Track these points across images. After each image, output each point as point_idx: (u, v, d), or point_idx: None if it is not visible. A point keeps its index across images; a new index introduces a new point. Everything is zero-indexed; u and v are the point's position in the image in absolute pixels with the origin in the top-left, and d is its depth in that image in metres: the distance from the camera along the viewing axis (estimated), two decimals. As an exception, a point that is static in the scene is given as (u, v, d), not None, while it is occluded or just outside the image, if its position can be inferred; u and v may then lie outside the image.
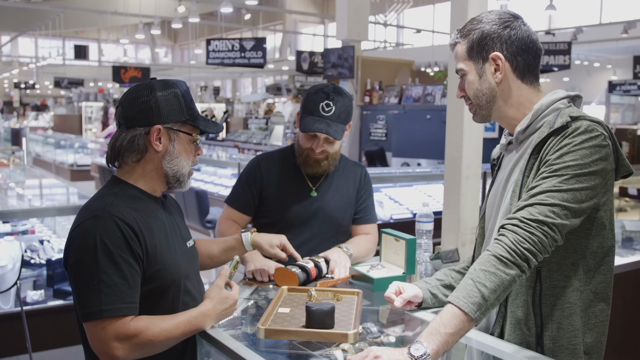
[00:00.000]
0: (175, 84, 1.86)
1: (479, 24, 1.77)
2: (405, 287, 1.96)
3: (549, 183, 1.59)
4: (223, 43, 10.17)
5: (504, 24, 1.75)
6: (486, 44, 1.75)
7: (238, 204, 2.68)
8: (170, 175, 1.86)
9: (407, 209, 5.62)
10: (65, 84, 22.36)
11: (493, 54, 1.75)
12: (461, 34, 1.81)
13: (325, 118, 2.50)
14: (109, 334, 1.65)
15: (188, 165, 1.89)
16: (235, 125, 18.27)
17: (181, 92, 1.85)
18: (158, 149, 1.82)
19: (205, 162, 8.41)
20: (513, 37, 1.74)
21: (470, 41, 1.78)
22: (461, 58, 1.81)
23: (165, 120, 1.81)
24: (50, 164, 15.14)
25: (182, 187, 1.90)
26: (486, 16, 1.78)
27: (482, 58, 1.77)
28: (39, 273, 3.71)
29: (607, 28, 16.47)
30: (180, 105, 1.83)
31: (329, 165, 2.63)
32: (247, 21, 26.28)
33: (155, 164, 1.85)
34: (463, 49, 1.80)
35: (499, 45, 1.74)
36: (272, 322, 1.85)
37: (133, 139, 1.80)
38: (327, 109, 2.51)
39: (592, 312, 1.71)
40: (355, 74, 8.78)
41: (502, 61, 1.75)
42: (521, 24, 1.77)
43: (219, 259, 2.24)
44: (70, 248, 1.73)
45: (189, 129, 1.86)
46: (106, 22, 21.34)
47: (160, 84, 1.84)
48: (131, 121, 1.81)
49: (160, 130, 1.80)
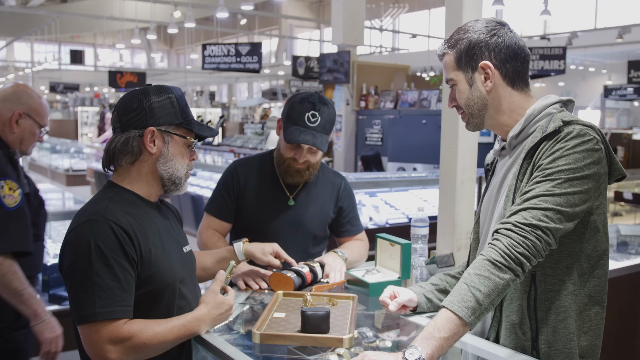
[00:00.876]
0: (170, 89, 1.87)
1: (466, 33, 1.78)
2: (400, 292, 1.96)
3: (542, 187, 1.59)
4: (219, 48, 10.17)
5: (491, 32, 1.76)
6: (474, 54, 1.76)
7: (217, 211, 2.64)
8: (165, 178, 1.87)
9: (403, 213, 5.63)
10: (61, 88, 22.34)
11: (482, 63, 1.75)
12: (449, 44, 1.82)
13: (310, 129, 2.44)
14: (102, 337, 1.65)
15: (183, 169, 1.89)
16: (231, 130, 18.28)
17: (175, 96, 1.87)
18: (152, 151, 1.82)
19: (202, 167, 8.40)
20: (501, 45, 1.75)
21: (458, 51, 1.78)
22: (450, 68, 1.82)
23: (159, 123, 1.82)
24: (46, 169, 15.12)
25: (179, 190, 1.91)
26: (473, 25, 1.79)
27: (471, 67, 1.77)
28: (34, 278, 3.69)
29: (602, 33, 16.53)
30: (175, 109, 1.85)
31: (310, 175, 2.58)
32: (243, 26, 26.33)
33: (150, 167, 1.85)
34: (451, 59, 1.81)
35: (487, 54, 1.75)
36: (267, 326, 1.85)
37: (127, 140, 1.81)
38: (313, 120, 2.45)
39: (586, 316, 1.71)
40: (351, 79, 8.80)
41: (492, 70, 1.75)
42: (507, 31, 1.77)
43: (212, 270, 2.23)
44: (65, 251, 1.74)
45: (184, 132, 1.87)
46: (102, 27, 21.37)
47: (155, 89, 1.85)
48: (126, 125, 1.82)
49: (154, 132, 1.81)
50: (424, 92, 8.53)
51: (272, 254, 2.31)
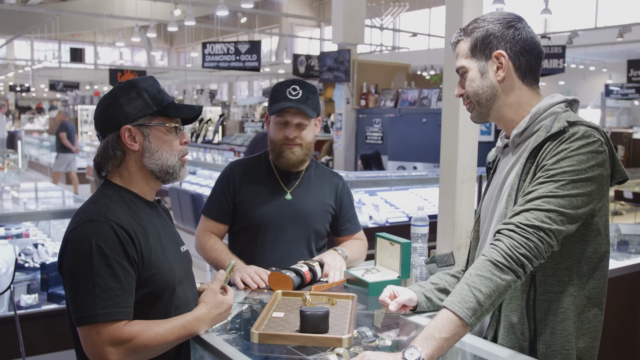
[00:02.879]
0: (136, 82, 1.83)
1: (483, 22, 1.78)
2: (400, 291, 1.95)
3: (545, 188, 1.58)
4: (219, 46, 10.14)
5: (509, 23, 1.76)
6: (490, 42, 1.75)
7: (213, 213, 2.63)
8: (156, 171, 1.84)
9: (403, 212, 5.62)
10: (61, 87, 22.30)
11: (497, 52, 1.75)
12: (464, 32, 1.81)
13: (293, 100, 2.51)
14: (102, 339, 1.64)
15: (173, 156, 1.85)
16: (232, 129, 18.23)
17: (143, 87, 1.82)
18: (134, 149, 1.81)
19: (201, 166, 8.39)
20: (517, 37, 1.75)
21: (474, 39, 1.78)
22: (463, 56, 1.81)
23: (131, 119, 1.80)
24: (46, 167, 15.10)
25: (177, 178, 1.88)
26: (490, 16, 1.79)
27: (485, 56, 1.77)
28: (33, 277, 3.69)
29: (603, 32, 16.52)
30: (144, 100, 1.81)
31: (304, 155, 2.57)
32: (243, 24, 26.31)
33: (139, 164, 1.84)
34: (466, 47, 1.80)
35: (503, 44, 1.75)
36: (266, 326, 1.84)
37: (105, 146, 1.81)
38: (294, 93, 2.52)
39: (585, 318, 1.70)
40: (351, 78, 8.79)
41: (506, 59, 1.75)
42: (525, 25, 1.77)
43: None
44: (65, 252, 1.72)
45: (162, 120, 1.84)
46: (102, 25, 21.34)
47: (122, 87, 1.83)
48: (103, 130, 1.83)
49: (130, 130, 1.80)
50: (425, 91, 8.52)
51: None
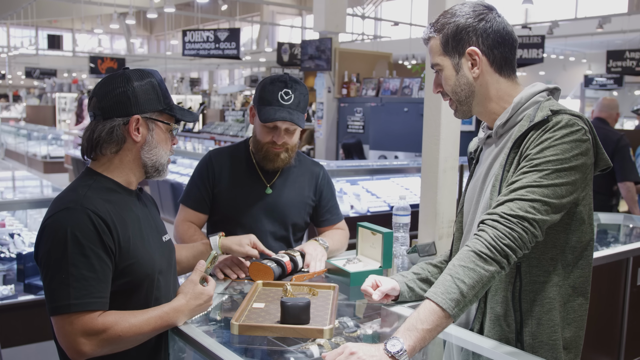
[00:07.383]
0: (151, 74, 1.84)
1: (453, 17, 1.73)
2: (382, 281, 1.94)
3: (529, 178, 1.57)
4: (198, 34, 10.06)
5: (479, 16, 1.72)
6: (462, 38, 1.72)
7: (192, 202, 2.59)
8: (149, 165, 1.84)
9: (384, 201, 5.62)
10: (37, 74, 22.01)
11: (470, 49, 1.71)
12: (435, 28, 1.77)
13: (285, 107, 2.42)
14: (76, 329, 1.62)
15: (166, 155, 1.87)
16: (212, 117, 18.13)
17: (157, 81, 1.83)
18: (137, 139, 1.79)
19: (182, 155, 8.32)
20: (489, 30, 1.71)
21: (445, 36, 1.74)
22: (436, 53, 1.77)
23: (143, 110, 1.79)
24: (23, 156, 14.90)
25: (161, 176, 1.89)
26: (460, 9, 1.74)
27: (458, 53, 1.73)
28: (9, 267, 3.63)
29: (583, 23, 16.64)
30: (157, 95, 1.81)
31: (289, 157, 2.54)
32: (223, 12, 26.08)
33: (134, 155, 1.82)
34: (438, 44, 1.76)
35: (475, 39, 1.71)
36: (246, 317, 1.82)
37: (112, 129, 1.76)
38: (287, 97, 2.43)
39: (570, 307, 1.70)
40: (333, 66, 8.76)
41: (479, 56, 1.72)
42: (496, 15, 1.74)
43: (188, 264, 2.19)
44: (41, 240, 1.70)
45: (167, 118, 1.85)
46: (80, 11, 21.03)
47: (137, 73, 1.81)
48: (108, 112, 1.77)
49: (139, 120, 1.78)
50: (406, 80, 8.51)
51: (249, 244, 2.28)
